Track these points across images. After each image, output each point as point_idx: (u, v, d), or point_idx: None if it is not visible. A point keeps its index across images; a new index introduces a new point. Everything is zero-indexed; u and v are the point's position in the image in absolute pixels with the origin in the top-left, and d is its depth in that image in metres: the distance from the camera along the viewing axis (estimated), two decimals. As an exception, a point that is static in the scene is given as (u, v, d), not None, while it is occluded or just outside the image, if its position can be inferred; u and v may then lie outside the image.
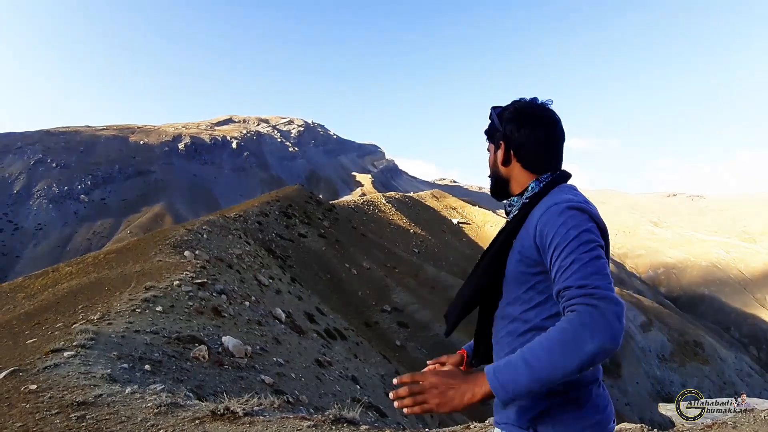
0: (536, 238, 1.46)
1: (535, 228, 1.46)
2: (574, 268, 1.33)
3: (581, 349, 1.22)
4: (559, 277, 1.36)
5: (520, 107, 1.67)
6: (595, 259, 1.35)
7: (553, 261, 1.39)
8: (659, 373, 46.59)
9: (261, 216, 31.39)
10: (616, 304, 1.27)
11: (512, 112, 1.67)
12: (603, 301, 1.26)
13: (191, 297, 10.75)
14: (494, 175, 1.74)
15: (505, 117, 1.68)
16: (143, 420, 4.35)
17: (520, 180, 1.68)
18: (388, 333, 26.59)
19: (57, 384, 5.04)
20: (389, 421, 11.27)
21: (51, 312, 9.87)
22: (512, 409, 1.53)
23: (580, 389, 1.48)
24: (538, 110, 1.66)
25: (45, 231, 74.82)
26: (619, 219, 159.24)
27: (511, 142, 1.67)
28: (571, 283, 1.31)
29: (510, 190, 1.70)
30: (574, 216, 1.41)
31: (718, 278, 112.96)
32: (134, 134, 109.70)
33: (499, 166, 1.71)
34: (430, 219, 58.56)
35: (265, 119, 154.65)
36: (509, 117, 1.67)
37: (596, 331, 1.23)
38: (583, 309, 1.26)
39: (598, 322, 1.23)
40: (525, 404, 1.48)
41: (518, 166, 1.68)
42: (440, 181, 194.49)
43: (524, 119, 1.65)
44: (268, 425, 4.40)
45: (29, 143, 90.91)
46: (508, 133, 1.67)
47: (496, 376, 1.29)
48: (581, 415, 1.47)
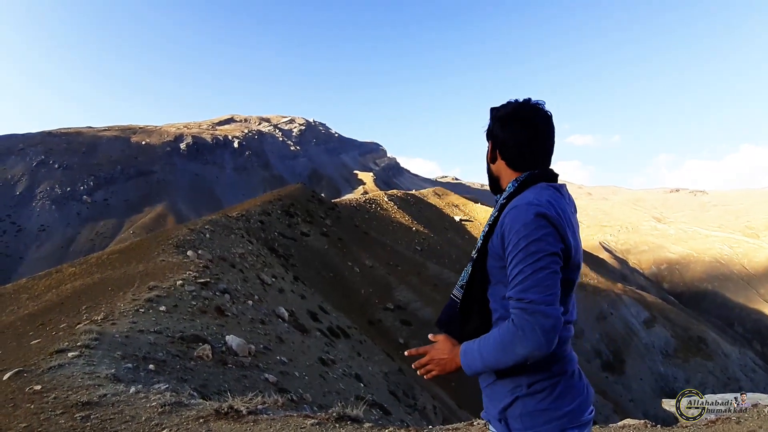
0: (502, 238, 1.58)
1: (501, 228, 1.59)
2: (517, 280, 1.49)
3: (513, 351, 1.46)
4: (510, 280, 1.53)
5: (509, 108, 1.74)
6: (538, 271, 1.47)
7: (508, 266, 1.55)
8: (663, 369, 46.52)
9: (263, 215, 31.41)
10: (546, 317, 1.44)
11: (500, 112, 1.76)
12: (533, 315, 1.44)
13: (194, 296, 10.76)
14: (487, 172, 1.86)
15: (494, 116, 1.77)
16: (147, 419, 4.36)
17: (506, 178, 1.77)
18: (391, 331, 26.61)
19: (61, 384, 5.05)
20: (393, 418, 11.28)
21: (55, 313, 9.89)
22: (489, 404, 1.72)
23: (546, 381, 1.59)
24: (523, 111, 1.71)
25: (48, 232, 74.97)
26: (621, 215, 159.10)
27: (496, 141, 1.78)
28: (512, 294, 1.50)
29: (500, 187, 1.79)
30: (528, 224, 1.51)
31: (722, 274, 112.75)
32: (136, 135, 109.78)
33: (488, 163, 1.83)
34: (433, 217, 58.55)
35: (266, 118, 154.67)
36: (496, 116, 1.77)
37: (525, 340, 1.44)
38: (517, 320, 1.46)
39: (527, 333, 1.44)
40: (496, 398, 1.66)
41: (503, 164, 1.77)
42: (442, 179, 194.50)
43: (509, 119, 1.73)
44: (272, 423, 4.41)
45: (31, 145, 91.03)
46: (495, 132, 1.77)
47: (463, 357, 1.59)
48: (547, 406, 1.57)
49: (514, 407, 1.60)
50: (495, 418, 1.67)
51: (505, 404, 1.61)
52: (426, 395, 17.37)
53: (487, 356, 1.51)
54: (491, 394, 1.68)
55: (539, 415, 1.57)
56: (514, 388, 1.59)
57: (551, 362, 1.58)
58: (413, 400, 15.82)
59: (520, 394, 1.58)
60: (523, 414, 1.58)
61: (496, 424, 1.67)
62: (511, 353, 1.46)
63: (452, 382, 22.04)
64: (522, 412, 1.58)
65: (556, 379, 1.60)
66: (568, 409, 1.58)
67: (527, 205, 1.54)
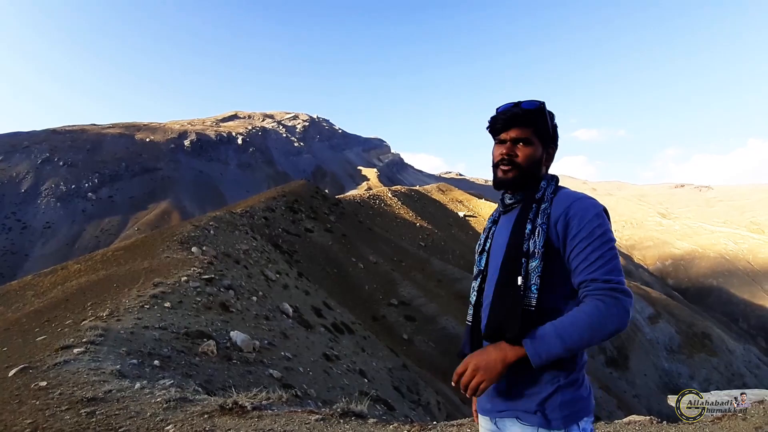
0: (557, 227, 1.66)
1: (558, 218, 1.66)
2: (600, 263, 1.57)
3: (605, 329, 1.51)
4: (585, 268, 1.59)
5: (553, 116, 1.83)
6: (615, 257, 1.60)
7: (576, 251, 1.61)
8: (667, 365, 46.42)
9: (267, 211, 31.44)
10: (629, 296, 1.54)
11: (552, 119, 1.82)
12: (622, 294, 1.54)
13: (199, 293, 10.80)
14: (531, 173, 1.80)
15: (554, 124, 1.83)
16: (152, 415, 4.38)
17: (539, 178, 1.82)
18: (396, 327, 26.61)
19: (67, 380, 5.07)
20: (397, 414, 11.30)
21: (60, 309, 9.93)
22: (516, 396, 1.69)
23: (579, 372, 1.69)
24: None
25: (53, 229, 75.31)
26: (627, 210, 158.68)
27: (555, 142, 1.86)
28: (598, 276, 1.56)
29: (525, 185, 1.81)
30: (600, 215, 1.63)
31: (727, 270, 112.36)
32: (140, 132, 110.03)
33: (542, 164, 1.83)
34: (437, 212, 58.54)
35: (270, 114, 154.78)
36: (556, 126, 1.84)
37: (615, 318, 1.51)
38: (609, 301, 1.52)
39: (619, 311, 1.52)
40: (531, 391, 1.66)
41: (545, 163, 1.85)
42: (446, 175, 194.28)
43: (556, 128, 1.85)
44: (276, 419, 4.42)
45: (36, 142, 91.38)
46: (557, 138, 1.86)
47: (533, 345, 1.56)
48: (579, 395, 1.67)
49: (555, 397, 1.64)
50: (528, 412, 1.66)
51: (545, 395, 1.64)
52: (430, 391, 17.39)
53: (572, 337, 1.52)
54: (523, 388, 1.68)
55: (576, 403, 1.65)
56: (553, 379, 1.64)
57: (581, 354, 1.70)
58: (417, 395, 15.83)
59: (561, 384, 1.64)
60: (563, 403, 1.63)
61: (529, 418, 1.66)
62: (601, 331, 1.51)
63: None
64: (562, 401, 1.63)
65: (584, 370, 1.73)
66: (591, 397, 1.72)
67: (592, 199, 1.68)
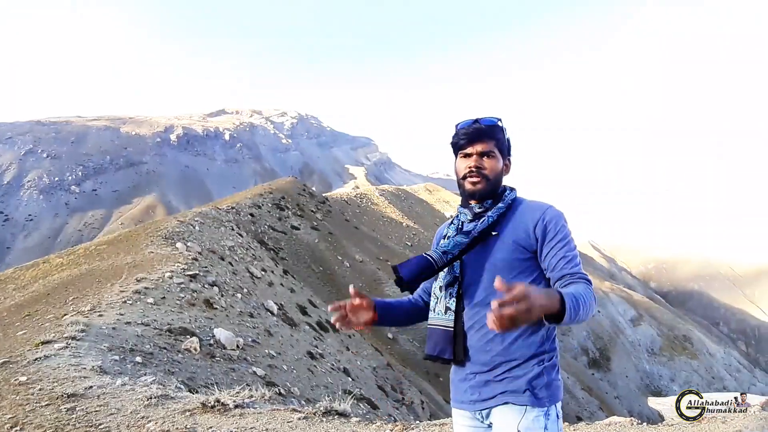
0: (535, 231, 1.81)
1: (536, 223, 1.82)
2: (574, 262, 1.76)
3: (592, 309, 1.63)
4: (565, 265, 1.75)
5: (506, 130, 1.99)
6: (579, 254, 1.83)
7: (553, 251, 1.78)
8: (648, 367, 47.02)
9: (254, 208, 31.29)
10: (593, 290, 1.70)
11: (505, 132, 1.98)
12: (590, 286, 1.69)
13: (183, 289, 10.71)
14: (497, 183, 1.95)
15: (504, 131, 1.97)
16: (133, 412, 4.35)
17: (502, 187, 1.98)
18: (381, 326, 26.64)
19: (47, 376, 5.02)
20: (380, 413, 11.32)
21: (41, 303, 9.81)
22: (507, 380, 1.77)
23: (557, 357, 1.84)
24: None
25: (35, 222, 74.31)
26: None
27: (510, 158, 2.01)
28: (576, 272, 1.73)
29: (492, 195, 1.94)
30: (565, 219, 1.84)
31: (708, 274, 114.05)
32: (126, 125, 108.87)
33: (502, 174, 1.97)
34: (423, 212, 58.61)
35: (258, 111, 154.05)
36: (507, 137, 1.99)
37: (595, 302, 1.67)
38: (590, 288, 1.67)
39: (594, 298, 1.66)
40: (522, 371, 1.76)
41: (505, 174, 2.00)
42: (433, 175, 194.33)
43: (509, 141, 2.00)
44: (258, 417, 4.41)
45: (19, 133, 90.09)
46: (509, 145, 2.00)
47: (574, 303, 1.55)
48: (558, 378, 1.81)
49: (542, 377, 1.75)
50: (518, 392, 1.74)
51: (532, 375, 1.75)
52: (414, 390, 17.44)
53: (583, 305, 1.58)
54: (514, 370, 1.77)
55: (556, 386, 1.78)
56: (539, 360, 1.77)
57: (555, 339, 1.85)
58: (401, 395, 15.87)
59: (546, 366, 1.77)
60: (547, 384, 1.75)
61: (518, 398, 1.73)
62: (591, 309, 1.63)
63: (440, 377, 22.14)
64: (546, 382, 1.75)
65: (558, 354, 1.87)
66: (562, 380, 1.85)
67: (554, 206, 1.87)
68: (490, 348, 1.80)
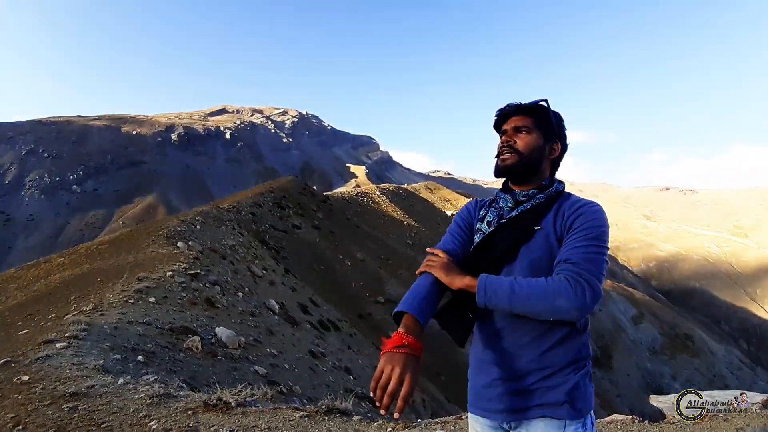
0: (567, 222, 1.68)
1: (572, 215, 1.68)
2: (582, 250, 1.58)
3: (553, 301, 1.51)
4: (568, 250, 1.60)
5: (558, 114, 1.87)
6: (599, 254, 1.60)
7: (569, 238, 1.63)
8: (650, 366, 46.99)
9: (255, 207, 31.29)
10: (596, 286, 1.53)
11: (561, 120, 1.87)
12: (588, 284, 1.52)
13: (184, 288, 10.72)
14: (532, 161, 1.80)
15: (559, 118, 1.86)
16: (135, 411, 4.35)
17: (542, 176, 1.83)
18: (382, 324, 26.63)
19: (49, 375, 5.02)
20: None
21: (43, 303, 9.83)
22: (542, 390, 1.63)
23: (590, 364, 1.72)
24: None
25: (37, 222, 74.39)
26: (612, 212, 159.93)
27: (564, 145, 1.87)
28: (576, 260, 1.57)
29: (527, 179, 1.82)
30: (605, 220, 1.67)
31: (710, 272, 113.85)
32: (127, 124, 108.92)
33: (544, 157, 1.83)
34: (424, 211, 58.55)
35: (258, 110, 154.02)
36: (562, 123, 1.87)
37: (572, 297, 1.50)
38: (572, 279, 1.52)
39: (577, 294, 1.50)
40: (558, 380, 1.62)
41: (550, 165, 1.87)
42: (434, 173, 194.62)
43: (562, 122, 1.88)
44: (260, 416, 4.41)
45: (21, 133, 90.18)
46: (563, 137, 1.87)
47: (486, 285, 1.57)
48: (591, 384, 1.70)
49: (579, 388, 1.63)
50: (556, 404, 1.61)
51: (571, 385, 1.62)
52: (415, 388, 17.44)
53: (520, 295, 1.52)
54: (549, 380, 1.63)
55: (589, 392, 1.67)
56: (576, 368, 1.65)
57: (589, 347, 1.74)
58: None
59: (582, 374, 1.65)
60: (583, 394, 1.64)
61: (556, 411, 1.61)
62: (549, 302, 1.51)
63: (441, 376, 22.14)
64: (583, 392, 1.63)
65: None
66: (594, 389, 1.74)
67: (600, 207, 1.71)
68: (523, 354, 1.65)
